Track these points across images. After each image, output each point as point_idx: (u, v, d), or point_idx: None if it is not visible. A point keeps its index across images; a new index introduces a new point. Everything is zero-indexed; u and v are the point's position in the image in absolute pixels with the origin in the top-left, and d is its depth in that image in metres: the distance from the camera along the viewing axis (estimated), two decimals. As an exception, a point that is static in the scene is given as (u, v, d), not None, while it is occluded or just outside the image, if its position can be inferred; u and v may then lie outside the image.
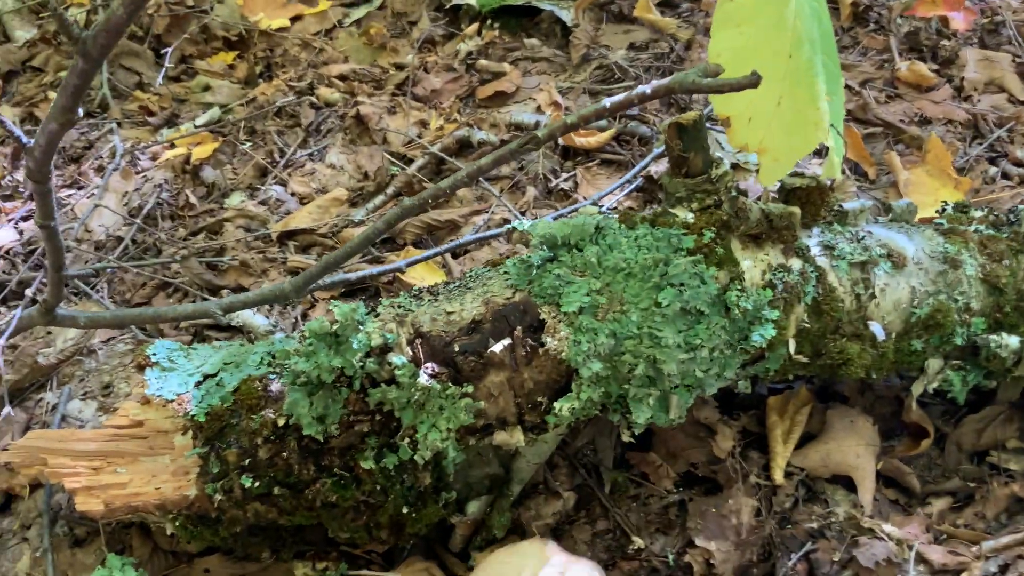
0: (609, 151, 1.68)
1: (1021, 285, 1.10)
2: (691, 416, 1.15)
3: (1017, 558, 1.07)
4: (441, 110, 1.81)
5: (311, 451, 0.99)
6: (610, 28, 2.00)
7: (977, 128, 1.73)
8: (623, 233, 1.06)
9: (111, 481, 1.05)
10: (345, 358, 0.95)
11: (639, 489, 1.13)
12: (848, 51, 1.93)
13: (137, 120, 1.92)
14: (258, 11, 2.19)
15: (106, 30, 0.56)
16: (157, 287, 1.47)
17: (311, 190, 1.66)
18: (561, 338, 1.00)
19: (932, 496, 1.16)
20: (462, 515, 1.09)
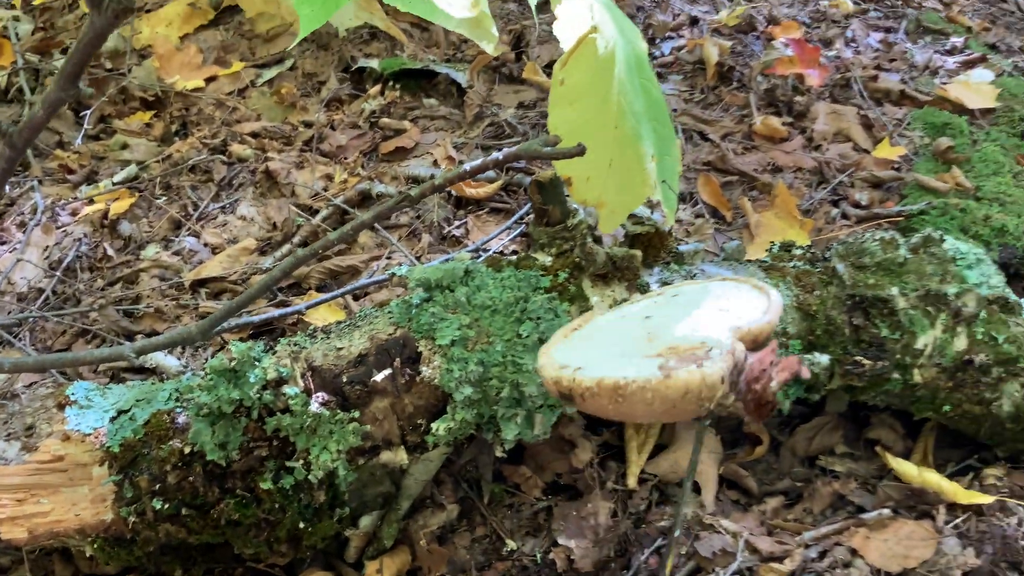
0: (498, 200, 1.86)
1: (830, 312, 1.30)
2: (557, 432, 1.31)
3: (835, 545, 1.25)
4: (346, 165, 1.97)
5: (215, 475, 1.12)
6: (501, 88, 2.20)
7: (822, 174, 1.95)
8: (490, 275, 1.23)
9: (34, 511, 1.16)
10: (243, 391, 1.09)
11: (513, 498, 1.29)
12: (712, 108, 2.15)
13: (57, 178, 2.03)
14: (174, 73, 2.32)
15: (29, 127, 0.71)
16: (76, 334, 1.58)
17: (223, 240, 1.80)
18: (435, 367, 1.16)
19: (768, 496, 1.35)
20: (355, 528, 1.23)
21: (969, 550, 1.22)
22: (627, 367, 0.74)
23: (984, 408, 1.31)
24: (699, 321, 0.86)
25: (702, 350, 0.74)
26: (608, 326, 0.93)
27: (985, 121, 2.20)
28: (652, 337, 0.83)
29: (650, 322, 0.89)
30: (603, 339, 0.89)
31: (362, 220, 1.14)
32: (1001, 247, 1.76)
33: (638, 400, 0.69)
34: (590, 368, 0.76)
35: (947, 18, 2.86)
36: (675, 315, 0.91)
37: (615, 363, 0.77)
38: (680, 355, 0.74)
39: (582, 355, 0.82)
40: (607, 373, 0.73)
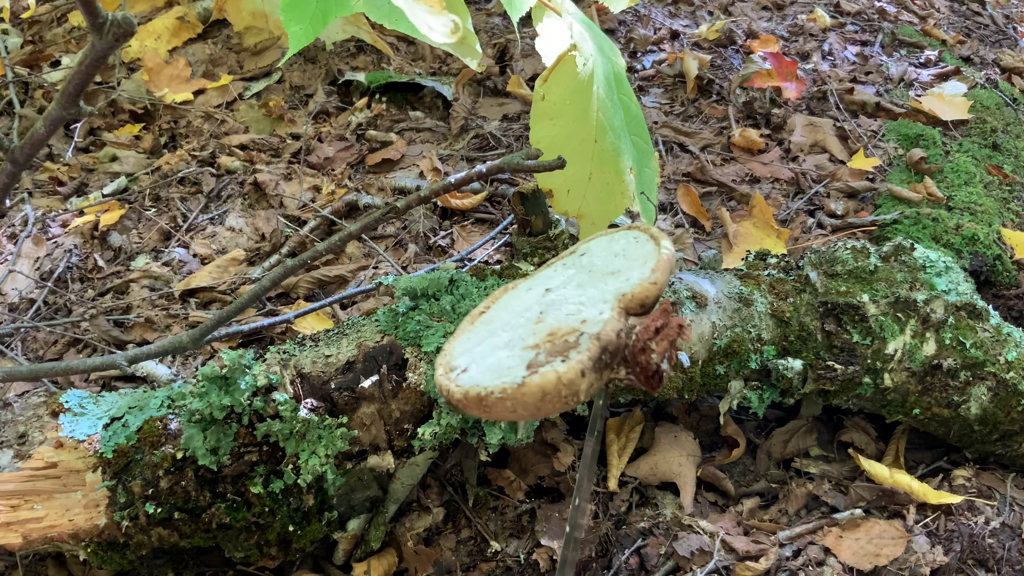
0: (482, 211, 1.90)
1: (803, 318, 1.34)
2: (539, 436, 1.35)
3: (808, 544, 1.29)
4: (333, 176, 2.01)
5: (206, 480, 1.15)
6: (486, 101, 2.24)
7: (799, 185, 2.01)
8: (474, 284, 1.27)
9: (28, 516, 1.18)
10: (234, 397, 1.12)
11: (497, 501, 1.32)
12: (692, 120, 2.20)
13: (48, 189, 2.05)
14: (163, 86, 2.35)
15: (30, 143, 0.74)
16: (68, 344, 1.60)
17: (212, 251, 1.83)
18: (421, 373, 1.19)
19: (744, 497, 1.39)
20: (344, 531, 1.26)
21: (938, 548, 1.26)
22: (502, 366, 0.71)
23: (953, 411, 1.36)
24: (589, 292, 0.82)
25: (574, 335, 0.71)
26: (511, 304, 0.89)
27: (958, 132, 2.26)
28: (542, 318, 0.79)
29: (548, 296, 0.85)
30: (501, 323, 0.84)
31: (349, 231, 1.18)
32: (972, 255, 1.81)
33: (502, 408, 0.67)
34: (472, 368, 0.73)
35: (923, 31, 2.93)
36: (572, 283, 0.87)
37: (495, 361, 0.73)
38: (555, 344, 0.71)
39: (475, 349, 0.79)
40: (480, 378, 0.70)
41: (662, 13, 2.69)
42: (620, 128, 1.19)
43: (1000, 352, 1.36)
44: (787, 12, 2.84)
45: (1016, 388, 1.35)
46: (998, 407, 1.35)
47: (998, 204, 2.03)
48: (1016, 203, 2.09)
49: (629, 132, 1.26)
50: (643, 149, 1.29)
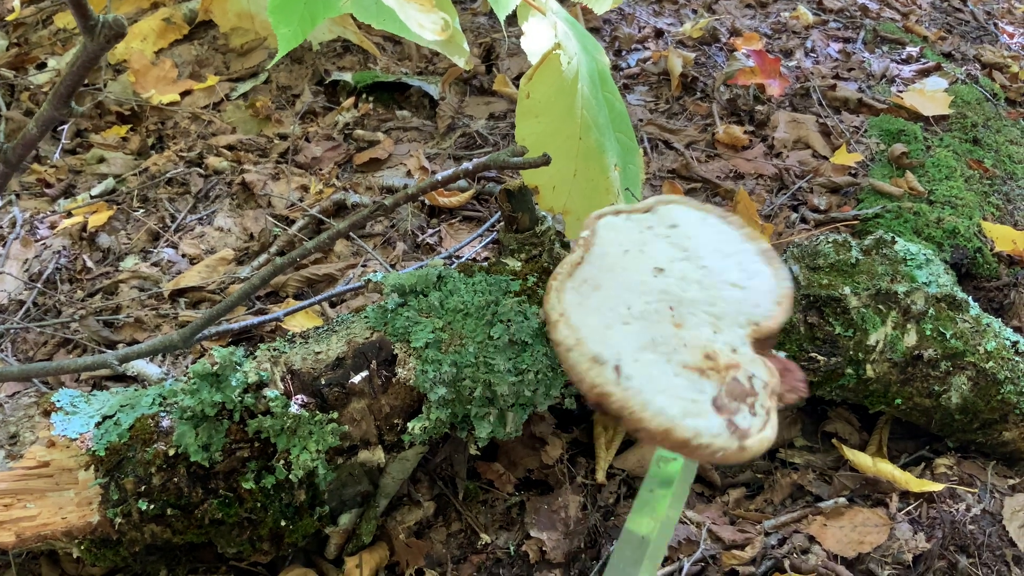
0: (470, 209, 1.91)
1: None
2: (528, 430, 1.37)
3: (793, 532, 1.31)
4: (320, 176, 2.02)
5: (199, 476, 1.16)
6: (473, 100, 2.25)
7: (782, 180, 2.03)
8: (462, 280, 1.28)
9: (21, 515, 1.19)
10: (225, 394, 1.13)
11: (487, 494, 1.34)
12: (676, 117, 2.23)
13: (35, 191, 2.06)
14: (150, 87, 2.35)
15: (23, 144, 0.75)
16: (58, 345, 1.61)
17: (200, 251, 1.83)
18: (410, 369, 1.20)
19: (730, 487, 1.41)
20: (335, 526, 1.28)
21: (920, 535, 1.29)
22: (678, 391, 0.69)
23: (934, 401, 1.38)
24: (716, 303, 0.80)
25: (740, 373, 0.70)
26: (615, 264, 0.86)
27: (939, 128, 2.29)
28: (676, 320, 0.77)
29: (665, 281, 0.83)
30: (618, 296, 0.81)
31: (337, 229, 1.19)
32: (953, 248, 1.84)
33: (703, 455, 0.67)
34: (629, 371, 0.71)
35: (904, 28, 2.96)
36: (689, 279, 0.85)
37: (658, 374, 0.71)
38: (722, 378, 0.70)
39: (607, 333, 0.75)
40: (655, 400, 0.67)
41: (647, 11, 2.71)
42: (605, 125, 1.21)
43: (980, 342, 1.39)
44: (770, 10, 2.87)
45: (995, 377, 1.37)
46: (978, 396, 1.38)
47: (978, 198, 2.06)
48: (996, 196, 2.12)
49: (614, 129, 1.27)
50: (628, 146, 1.31)
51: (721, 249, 0.90)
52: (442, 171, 1.99)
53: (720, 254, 0.89)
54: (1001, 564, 1.28)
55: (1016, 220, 2.08)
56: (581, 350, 0.74)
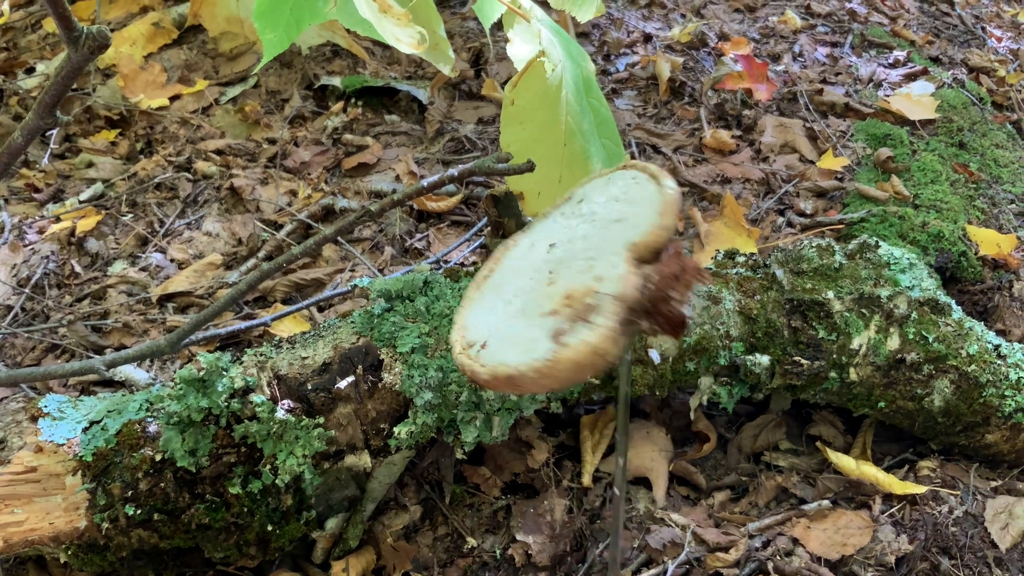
0: (458, 213, 1.92)
1: (770, 315, 1.37)
2: (515, 434, 1.38)
3: (777, 535, 1.32)
4: (309, 180, 2.02)
5: (185, 481, 1.17)
6: (461, 105, 2.26)
7: (769, 184, 2.04)
8: (448, 285, 1.29)
9: (9, 520, 1.19)
10: (212, 399, 1.14)
11: (473, 498, 1.35)
12: (664, 122, 2.24)
13: (24, 196, 2.06)
14: (139, 92, 2.35)
15: (8, 152, 0.76)
16: (46, 350, 1.61)
17: (189, 256, 1.84)
18: (397, 373, 1.21)
19: (715, 490, 1.42)
20: (322, 530, 1.28)
21: (903, 537, 1.30)
22: (524, 337, 0.69)
23: (917, 404, 1.39)
24: (596, 244, 0.78)
25: (593, 296, 0.68)
26: (518, 263, 0.85)
27: (925, 132, 2.31)
28: (553, 279, 0.76)
29: (554, 252, 0.82)
30: (511, 287, 0.81)
31: (324, 235, 1.20)
32: (938, 252, 1.86)
33: (535, 385, 0.66)
34: (492, 342, 0.71)
35: (892, 32, 2.99)
36: (577, 236, 0.83)
37: (514, 332, 0.71)
38: (574, 308, 0.68)
39: (489, 318, 0.76)
40: (503, 353, 0.68)
41: (635, 16, 2.72)
42: (589, 131, 1.22)
43: (962, 346, 1.40)
44: (759, 14, 2.89)
45: (977, 381, 1.39)
46: (960, 399, 1.39)
47: (964, 201, 2.07)
48: (981, 200, 2.14)
49: (599, 135, 1.28)
50: (613, 152, 1.32)
51: (615, 196, 0.86)
52: (430, 175, 2.00)
53: (613, 200, 0.85)
54: (983, 566, 1.29)
55: (1001, 224, 2.10)
56: (460, 346, 0.74)
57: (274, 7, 1.24)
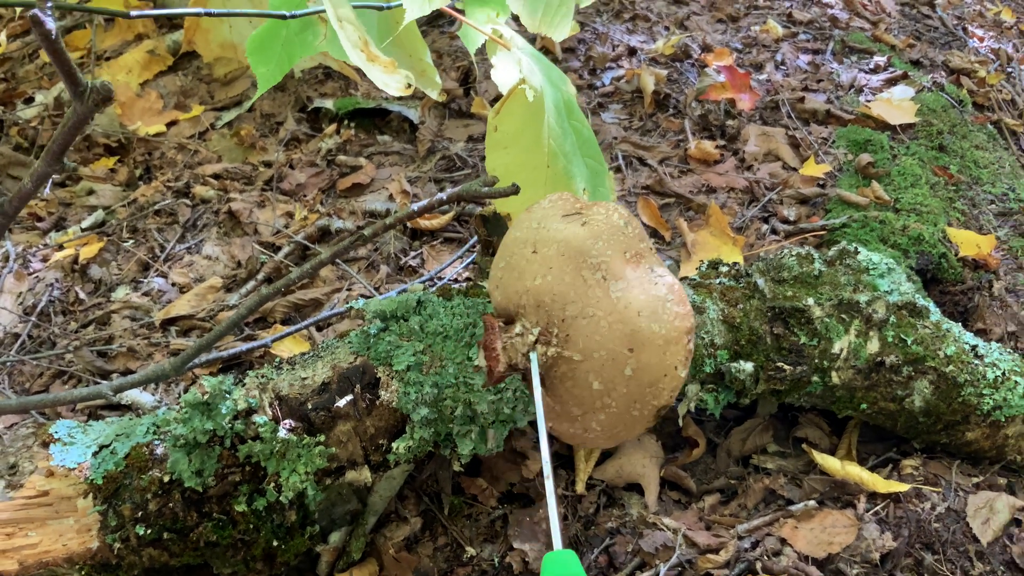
0: (451, 230, 1.97)
1: (752, 323, 1.42)
2: (509, 446, 1.42)
3: (766, 535, 1.37)
4: (305, 202, 2.07)
5: (193, 501, 1.21)
6: (452, 123, 2.32)
7: (753, 193, 2.09)
8: (441, 304, 1.34)
9: (23, 543, 1.24)
10: (216, 421, 1.18)
11: (471, 508, 1.39)
12: (650, 134, 2.29)
13: (27, 225, 2.11)
14: (136, 119, 2.41)
15: (19, 197, 0.81)
16: (54, 376, 1.66)
17: (190, 280, 1.89)
18: (393, 391, 1.26)
19: (706, 494, 1.46)
20: (326, 544, 1.33)
21: (887, 534, 1.35)
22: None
23: (898, 404, 1.44)
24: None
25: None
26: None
27: (905, 136, 2.36)
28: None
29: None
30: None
31: (320, 259, 1.25)
32: (918, 254, 1.91)
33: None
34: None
35: (873, 37, 3.04)
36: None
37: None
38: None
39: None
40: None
41: (620, 30, 2.78)
42: (572, 152, 1.27)
43: (940, 347, 1.45)
44: (741, 24, 2.94)
45: (956, 380, 1.43)
46: (940, 399, 1.44)
47: (944, 204, 2.13)
48: (962, 202, 2.19)
49: (582, 155, 1.33)
50: (596, 170, 1.37)
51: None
52: (423, 194, 2.05)
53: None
54: (965, 559, 1.34)
55: (981, 224, 2.15)
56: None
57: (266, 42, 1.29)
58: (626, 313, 0.99)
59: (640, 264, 1.02)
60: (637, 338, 0.98)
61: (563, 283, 1.01)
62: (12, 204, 0.81)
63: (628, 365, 0.99)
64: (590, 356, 1.00)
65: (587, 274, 1.01)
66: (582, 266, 1.01)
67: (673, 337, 0.98)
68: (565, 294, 1.01)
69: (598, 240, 1.02)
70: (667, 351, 0.98)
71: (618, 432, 1.06)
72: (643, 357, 0.98)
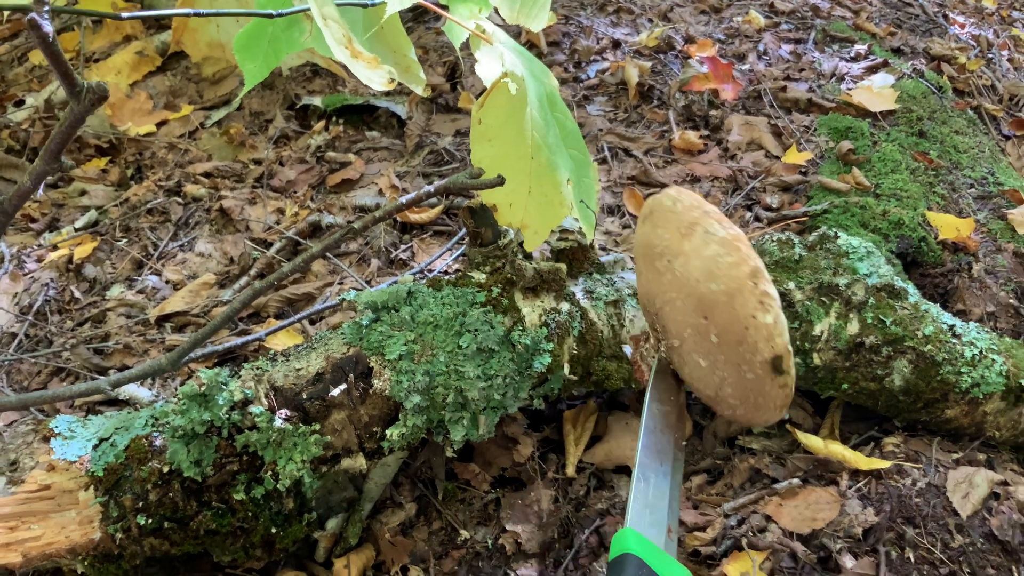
0: (440, 223, 2.00)
1: (735, 307, 1.46)
2: (501, 431, 1.46)
3: (751, 513, 1.41)
4: (296, 198, 2.10)
5: (192, 490, 1.24)
6: (439, 118, 2.34)
7: (736, 181, 2.13)
8: (431, 294, 1.37)
9: (26, 536, 1.27)
10: (213, 412, 1.21)
11: (465, 493, 1.43)
12: (635, 125, 2.32)
13: (21, 227, 2.13)
14: (126, 120, 2.43)
15: (18, 195, 0.83)
16: (51, 373, 1.68)
17: (183, 277, 1.91)
18: (386, 380, 1.29)
19: (692, 474, 1.50)
20: (323, 530, 1.36)
21: (869, 510, 1.38)
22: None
23: (878, 384, 1.48)
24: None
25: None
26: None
27: (886, 123, 2.40)
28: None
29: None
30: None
31: (311, 253, 1.28)
32: (898, 238, 1.95)
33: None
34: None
35: (855, 26, 3.08)
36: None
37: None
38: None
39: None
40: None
41: (604, 23, 2.81)
42: (555, 144, 1.30)
43: (918, 327, 1.49)
44: (724, 15, 2.98)
45: (934, 359, 1.47)
46: (919, 378, 1.48)
47: (924, 189, 2.17)
48: (942, 186, 2.23)
49: (566, 146, 1.36)
50: (580, 161, 1.40)
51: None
52: (412, 188, 2.08)
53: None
54: (945, 532, 1.37)
55: (961, 208, 2.19)
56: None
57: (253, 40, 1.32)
58: (688, 285, 0.98)
59: (694, 233, 0.99)
60: (704, 304, 0.97)
61: (648, 281, 1.05)
62: (11, 202, 0.84)
63: (711, 332, 0.98)
64: (683, 337, 1.03)
65: (658, 264, 1.03)
66: (653, 258, 1.04)
67: (735, 288, 0.94)
68: (651, 291, 1.05)
69: (657, 228, 1.04)
70: (735, 304, 0.94)
71: (757, 399, 1.03)
72: (718, 320, 0.96)
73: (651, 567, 0.82)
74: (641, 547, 0.84)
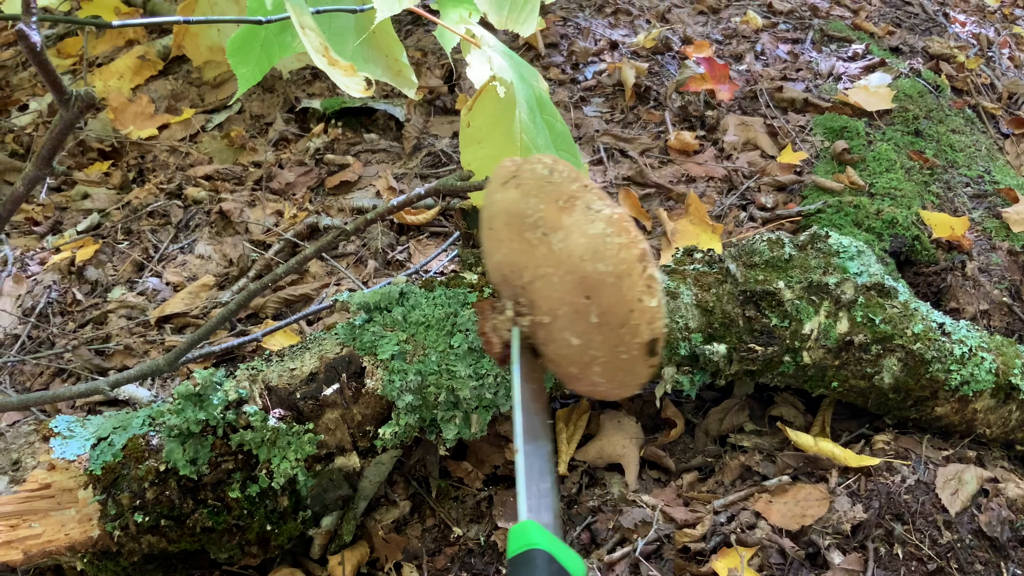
0: (437, 225, 2.02)
1: (725, 306, 1.47)
2: (493, 430, 1.48)
3: (741, 510, 1.42)
4: (294, 200, 2.12)
5: (188, 489, 1.27)
6: (437, 120, 2.36)
7: (732, 182, 2.14)
8: (423, 295, 1.39)
9: (27, 534, 1.29)
10: (208, 412, 1.24)
11: (458, 491, 1.45)
12: (631, 126, 2.34)
13: (24, 230, 2.16)
14: (128, 123, 2.46)
15: (12, 200, 0.86)
16: (53, 374, 1.71)
17: (183, 278, 1.94)
18: (379, 379, 1.31)
19: (684, 472, 1.52)
20: (318, 528, 1.38)
21: (858, 506, 1.40)
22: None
23: (868, 382, 1.49)
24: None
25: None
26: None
27: (882, 122, 2.41)
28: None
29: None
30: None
31: (305, 254, 1.30)
32: (892, 237, 1.96)
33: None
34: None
35: (853, 25, 3.09)
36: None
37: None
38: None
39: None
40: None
41: (602, 24, 2.82)
42: (545, 147, 1.32)
43: (908, 326, 1.50)
44: (722, 15, 2.99)
45: (923, 357, 1.48)
46: (909, 376, 1.49)
47: (918, 187, 2.18)
48: (937, 185, 2.24)
49: (557, 148, 1.38)
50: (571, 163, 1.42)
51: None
52: (410, 190, 2.10)
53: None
54: (933, 529, 1.39)
55: (956, 207, 2.20)
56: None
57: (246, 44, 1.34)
58: (570, 262, 0.95)
59: (574, 207, 0.96)
60: (588, 284, 0.94)
61: (514, 251, 0.99)
62: (6, 207, 0.86)
63: (591, 313, 0.95)
64: (556, 315, 0.98)
65: (529, 235, 0.97)
66: (524, 228, 0.98)
67: (623, 270, 0.93)
68: (517, 262, 0.99)
69: (529, 197, 0.98)
70: (622, 286, 0.93)
71: (623, 378, 1.02)
72: (602, 300, 0.94)
73: (560, 562, 0.81)
74: (545, 540, 0.82)
